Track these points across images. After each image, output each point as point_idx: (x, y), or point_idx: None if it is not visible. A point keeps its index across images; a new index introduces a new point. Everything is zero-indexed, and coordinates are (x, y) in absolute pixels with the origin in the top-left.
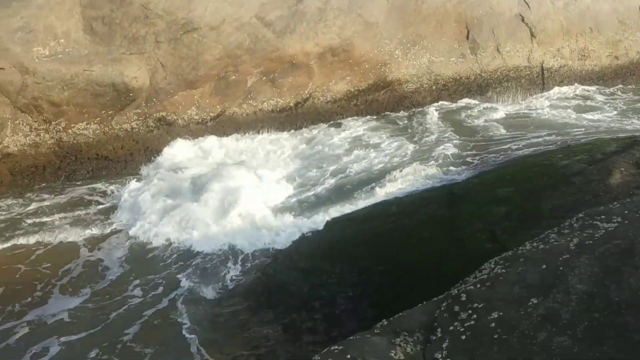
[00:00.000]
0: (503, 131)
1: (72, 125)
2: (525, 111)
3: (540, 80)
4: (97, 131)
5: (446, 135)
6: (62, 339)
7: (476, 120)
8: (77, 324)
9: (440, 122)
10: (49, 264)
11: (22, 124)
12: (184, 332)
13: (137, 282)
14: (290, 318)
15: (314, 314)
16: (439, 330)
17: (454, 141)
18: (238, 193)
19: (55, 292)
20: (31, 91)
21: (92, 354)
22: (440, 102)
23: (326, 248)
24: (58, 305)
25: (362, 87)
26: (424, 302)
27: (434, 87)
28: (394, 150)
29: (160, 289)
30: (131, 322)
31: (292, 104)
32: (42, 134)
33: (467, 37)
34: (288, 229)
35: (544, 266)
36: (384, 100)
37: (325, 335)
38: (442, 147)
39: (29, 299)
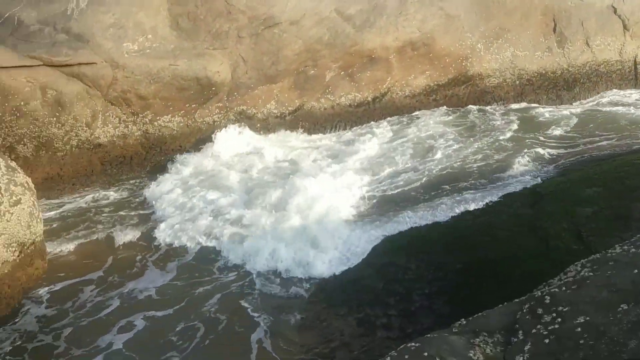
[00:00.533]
0: (588, 128)
1: (158, 117)
2: (612, 108)
3: (633, 75)
4: (181, 124)
5: (527, 133)
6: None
7: (556, 117)
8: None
9: (516, 119)
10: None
11: (112, 116)
12: (259, 327)
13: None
14: (364, 313)
15: (388, 309)
16: (520, 332)
17: (537, 138)
18: (315, 196)
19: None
20: (121, 85)
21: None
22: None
23: (401, 243)
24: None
25: (442, 82)
26: (505, 303)
27: (517, 82)
28: (468, 147)
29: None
30: (204, 307)
31: (369, 99)
32: (130, 126)
33: (554, 30)
34: (365, 234)
35: (636, 271)
36: (464, 95)
37: (399, 332)
38: (523, 144)
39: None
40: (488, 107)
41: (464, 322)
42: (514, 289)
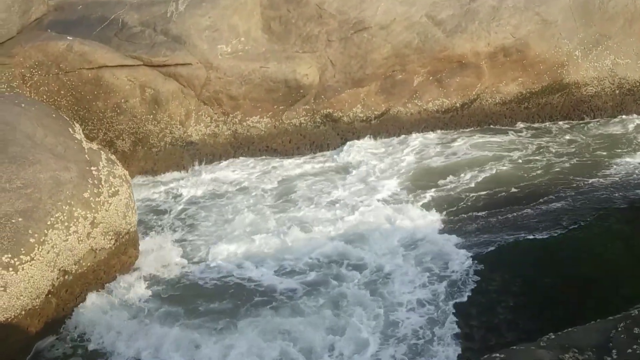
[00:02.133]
0: None
1: (247, 118)
2: None
3: None
4: (269, 125)
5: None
6: None
7: None
8: None
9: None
10: None
11: (204, 115)
12: None
13: None
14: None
15: (470, 320)
16: (614, 351)
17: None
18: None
19: None
20: (213, 85)
21: None
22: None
23: (485, 254)
24: None
25: (535, 90)
26: (597, 320)
27: (617, 92)
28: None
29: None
30: None
31: (458, 105)
32: (220, 125)
33: None
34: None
35: None
36: (558, 104)
37: (481, 343)
38: (617, 159)
39: None
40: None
41: (553, 336)
42: (605, 308)
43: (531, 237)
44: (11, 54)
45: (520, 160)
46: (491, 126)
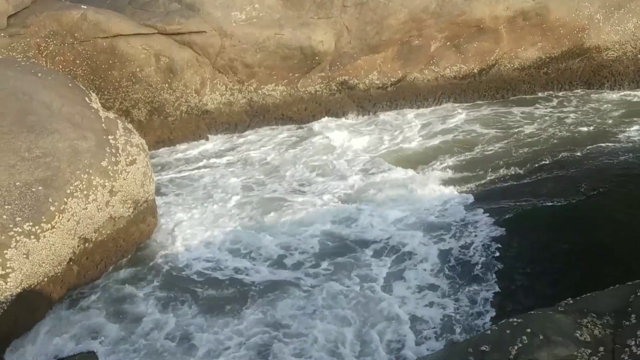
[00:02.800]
0: None
1: (262, 86)
2: None
3: None
4: (284, 93)
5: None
6: None
7: None
8: None
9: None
10: None
11: (219, 84)
12: None
13: None
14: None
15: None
16: (633, 316)
17: None
18: None
19: None
20: (228, 53)
21: None
22: None
23: (503, 219)
24: None
25: (555, 54)
26: (616, 285)
27: (639, 56)
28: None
29: None
30: None
31: (475, 71)
32: (235, 94)
33: None
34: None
35: None
36: (578, 70)
37: (498, 309)
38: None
39: None
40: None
41: (571, 301)
42: (625, 274)
43: (550, 203)
44: (26, 23)
45: (539, 129)
46: (511, 97)
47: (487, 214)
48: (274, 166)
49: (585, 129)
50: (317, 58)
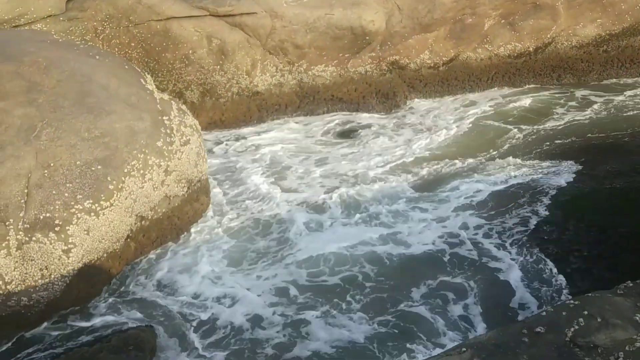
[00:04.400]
0: None
1: (312, 67)
2: None
3: None
4: (334, 73)
5: None
6: None
7: None
8: None
9: None
10: None
11: (270, 65)
12: None
13: None
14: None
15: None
16: None
17: None
18: None
19: None
20: (279, 34)
21: None
22: None
23: (560, 200)
24: None
25: (616, 31)
26: None
27: None
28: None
29: None
30: None
31: (531, 49)
32: (286, 75)
33: None
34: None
35: None
36: (639, 47)
37: (555, 292)
38: None
39: None
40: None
41: (631, 284)
42: None
43: (608, 186)
44: (83, 8)
45: (597, 112)
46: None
47: (542, 196)
48: None
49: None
50: (367, 38)
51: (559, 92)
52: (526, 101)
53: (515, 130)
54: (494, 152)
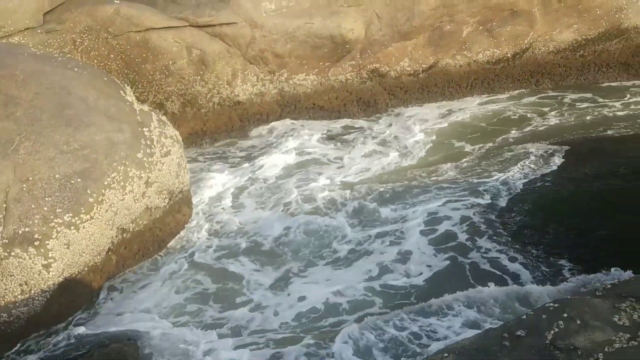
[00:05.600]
0: None
1: (293, 76)
2: None
3: None
4: (315, 82)
5: None
6: None
7: None
8: None
9: None
10: None
11: (251, 75)
12: None
13: None
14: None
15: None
16: None
17: None
18: None
19: None
20: (259, 44)
21: None
22: None
23: (539, 204)
24: None
25: (591, 36)
26: None
27: None
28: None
29: None
30: None
31: (509, 55)
32: (267, 84)
33: None
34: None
35: None
36: (615, 51)
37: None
38: None
39: None
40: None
41: (609, 285)
42: None
43: (587, 189)
44: (61, 20)
45: (574, 115)
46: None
47: (521, 201)
48: None
49: (619, 115)
50: (347, 46)
51: (540, 96)
52: (504, 106)
53: (494, 135)
54: (472, 157)
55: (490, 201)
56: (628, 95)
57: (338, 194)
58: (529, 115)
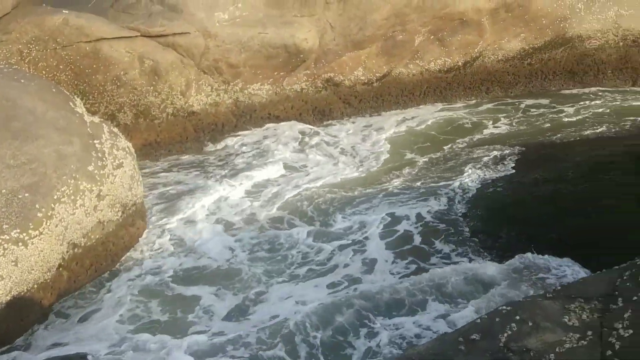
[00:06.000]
0: None
1: (248, 86)
2: None
3: None
4: (270, 92)
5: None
6: None
7: None
8: None
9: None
10: None
11: (205, 85)
12: None
13: None
14: None
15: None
16: (620, 299)
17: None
18: None
19: None
20: (212, 54)
21: None
22: None
23: (492, 210)
24: None
25: (538, 45)
26: (603, 270)
27: (621, 44)
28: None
29: None
30: None
31: (460, 64)
32: (221, 94)
33: None
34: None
35: None
36: (561, 59)
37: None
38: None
39: None
40: None
41: (559, 287)
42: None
43: (538, 193)
44: (7, 30)
45: (527, 121)
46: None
47: (472, 206)
48: None
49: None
50: (301, 56)
51: (497, 104)
52: (460, 114)
53: (449, 142)
54: (428, 164)
55: (446, 207)
56: (581, 102)
57: (296, 204)
58: (483, 122)
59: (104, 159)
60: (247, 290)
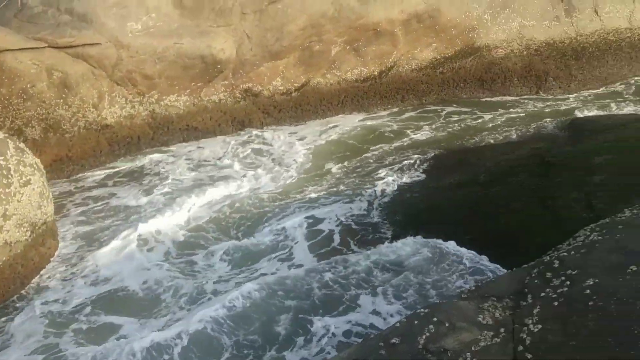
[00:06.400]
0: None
1: (164, 97)
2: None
3: None
4: (187, 103)
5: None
6: None
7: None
8: None
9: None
10: None
11: (119, 97)
12: None
13: None
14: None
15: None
16: (529, 296)
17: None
18: None
19: None
20: (126, 65)
21: None
22: None
23: (408, 215)
24: None
25: (449, 54)
26: (514, 269)
27: (524, 53)
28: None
29: None
30: None
31: (376, 73)
32: (136, 106)
33: None
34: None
35: None
36: (471, 68)
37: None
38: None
39: None
40: None
41: (473, 287)
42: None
43: (452, 197)
44: None
45: (446, 128)
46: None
47: (394, 212)
48: None
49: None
50: (219, 66)
51: (419, 112)
52: (382, 122)
53: (369, 150)
54: (347, 172)
55: (365, 212)
56: (500, 110)
57: (216, 217)
58: (404, 130)
59: (10, 176)
60: (167, 317)
